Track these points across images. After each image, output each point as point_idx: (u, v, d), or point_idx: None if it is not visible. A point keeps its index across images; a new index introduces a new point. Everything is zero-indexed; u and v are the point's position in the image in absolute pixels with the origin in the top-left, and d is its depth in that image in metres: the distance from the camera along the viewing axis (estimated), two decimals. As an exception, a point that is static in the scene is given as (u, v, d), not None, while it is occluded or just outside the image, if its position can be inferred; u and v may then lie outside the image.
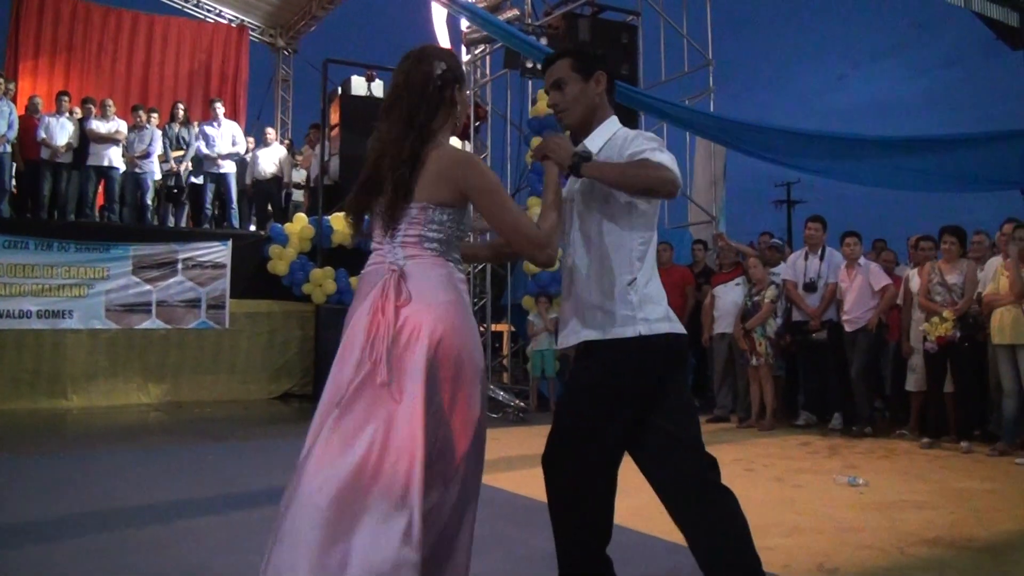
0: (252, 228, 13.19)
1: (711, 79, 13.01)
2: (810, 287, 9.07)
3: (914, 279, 8.39)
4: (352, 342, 2.50)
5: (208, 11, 18.02)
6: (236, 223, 12.73)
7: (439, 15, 12.80)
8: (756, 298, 9.15)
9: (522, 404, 10.63)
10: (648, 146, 2.78)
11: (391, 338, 2.44)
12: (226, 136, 12.65)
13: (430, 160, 2.56)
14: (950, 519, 4.82)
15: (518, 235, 2.58)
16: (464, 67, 2.53)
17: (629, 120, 11.48)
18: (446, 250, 2.59)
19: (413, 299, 2.49)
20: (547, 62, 3.05)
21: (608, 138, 2.94)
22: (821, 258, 9.12)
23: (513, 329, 15.08)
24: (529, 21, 12.10)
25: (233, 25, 18.27)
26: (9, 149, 11.11)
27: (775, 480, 6.05)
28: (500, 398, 10.69)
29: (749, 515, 2.66)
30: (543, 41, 11.20)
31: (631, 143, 2.84)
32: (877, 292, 8.65)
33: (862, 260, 8.92)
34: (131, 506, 5.13)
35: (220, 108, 13.01)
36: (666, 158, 2.73)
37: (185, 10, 17.77)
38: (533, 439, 8.20)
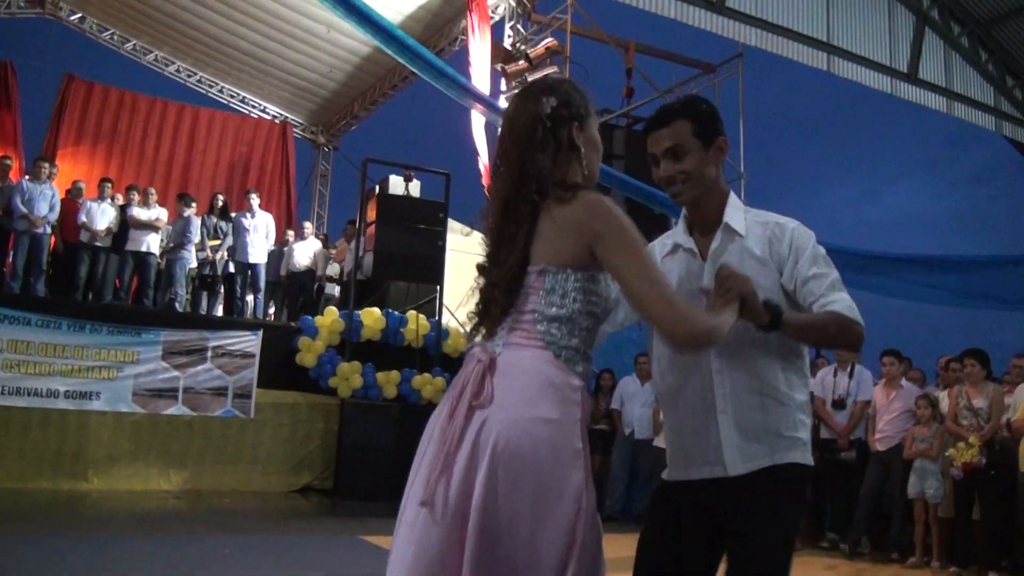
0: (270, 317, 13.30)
1: (743, 192, 13.14)
2: (839, 404, 8.98)
3: (943, 402, 8.29)
4: (424, 451, 2.07)
5: (253, 107, 18.54)
6: (260, 313, 12.88)
7: (478, 121, 13.05)
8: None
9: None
10: (826, 275, 2.43)
11: (458, 451, 1.98)
12: (260, 227, 12.88)
13: (551, 214, 2.11)
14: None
15: (649, 299, 2.03)
16: (588, 100, 2.20)
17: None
18: (566, 337, 2.08)
19: (494, 402, 2.00)
20: (658, 121, 2.46)
21: (745, 225, 2.49)
22: (850, 375, 9.04)
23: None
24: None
25: (276, 121, 18.73)
26: (48, 230, 11.35)
27: (799, 603, 5.91)
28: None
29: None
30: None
31: (800, 256, 2.45)
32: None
33: (904, 382, 8.83)
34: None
35: (255, 199, 13.23)
36: (847, 299, 2.41)
37: (231, 105, 18.29)
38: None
